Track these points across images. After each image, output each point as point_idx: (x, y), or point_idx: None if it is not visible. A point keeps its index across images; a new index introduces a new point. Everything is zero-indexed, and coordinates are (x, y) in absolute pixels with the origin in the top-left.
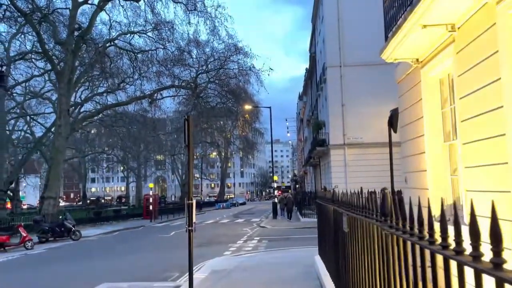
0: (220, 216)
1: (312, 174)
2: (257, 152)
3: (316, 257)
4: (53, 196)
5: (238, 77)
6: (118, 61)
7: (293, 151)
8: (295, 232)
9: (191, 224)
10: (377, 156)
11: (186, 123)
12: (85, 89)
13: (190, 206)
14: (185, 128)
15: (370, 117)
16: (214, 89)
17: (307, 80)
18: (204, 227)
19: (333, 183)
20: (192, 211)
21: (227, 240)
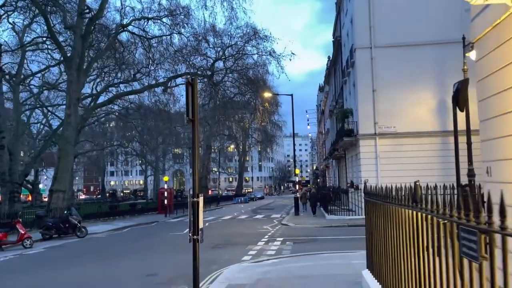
0: (238, 211)
1: (335, 168)
2: (276, 146)
3: (364, 272)
4: (62, 189)
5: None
6: (132, 49)
7: (312, 145)
8: (322, 232)
9: (196, 231)
10: (412, 147)
11: (189, 88)
12: (100, 81)
13: (196, 206)
14: (189, 95)
15: (404, 104)
16: (231, 79)
17: (330, 68)
18: (220, 224)
19: (362, 177)
20: (198, 212)
21: (246, 241)
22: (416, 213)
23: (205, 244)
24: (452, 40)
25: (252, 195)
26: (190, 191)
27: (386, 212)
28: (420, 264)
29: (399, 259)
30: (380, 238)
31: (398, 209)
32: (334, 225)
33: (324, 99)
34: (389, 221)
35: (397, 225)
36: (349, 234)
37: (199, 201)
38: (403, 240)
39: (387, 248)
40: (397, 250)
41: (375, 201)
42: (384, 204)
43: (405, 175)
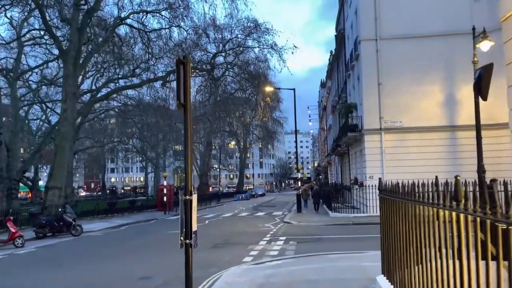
0: (238, 208)
1: (337, 164)
2: (277, 142)
3: (379, 278)
4: (59, 186)
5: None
6: (130, 43)
7: (314, 142)
8: (326, 230)
9: (189, 234)
10: (419, 142)
11: (181, 67)
12: (99, 76)
13: (188, 205)
14: (180, 75)
15: (411, 98)
16: (232, 74)
17: (333, 62)
18: (221, 221)
19: (367, 173)
20: (191, 212)
21: (247, 240)
22: (457, 214)
23: (204, 243)
24: (461, 32)
25: (253, 192)
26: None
27: (410, 212)
28: (460, 274)
29: (427, 266)
30: (400, 241)
31: (428, 209)
32: (338, 223)
33: (326, 95)
34: (414, 222)
35: (426, 227)
36: (355, 233)
37: (192, 199)
38: (431, 244)
39: (409, 253)
40: (424, 256)
41: (394, 199)
42: (407, 202)
43: (411, 172)
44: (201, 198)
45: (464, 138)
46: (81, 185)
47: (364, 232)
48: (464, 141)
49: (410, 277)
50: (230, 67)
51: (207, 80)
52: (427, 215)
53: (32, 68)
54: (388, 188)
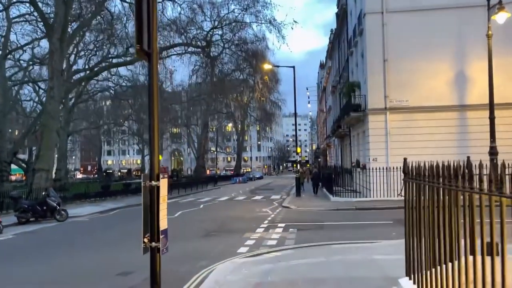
0: (236, 191)
1: (337, 146)
2: (275, 125)
3: (404, 281)
4: (45, 168)
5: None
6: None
7: (312, 125)
8: (328, 216)
9: (156, 235)
10: (426, 123)
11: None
12: (92, 56)
13: (154, 194)
14: (141, 7)
15: (418, 75)
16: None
17: (334, 41)
18: (216, 206)
19: (371, 155)
20: (158, 205)
21: (243, 227)
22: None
23: (196, 231)
24: (473, 4)
25: (250, 175)
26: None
27: (454, 200)
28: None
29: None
30: (436, 237)
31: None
32: (340, 208)
33: (326, 75)
34: (459, 212)
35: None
36: (359, 219)
37: (159, 185)
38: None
39: (451, 253)
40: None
41: (431, 185)
42: (454, 190)
43: (417, 153)
44: (197, 181)
45: (475, 118)
46: (77, 167)
47: (370, 218)
48: (474, 122)
49: (446, 279)
50: (227, 46)
51: (203, 58)
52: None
53: (21, 46)
54: (418, 171)
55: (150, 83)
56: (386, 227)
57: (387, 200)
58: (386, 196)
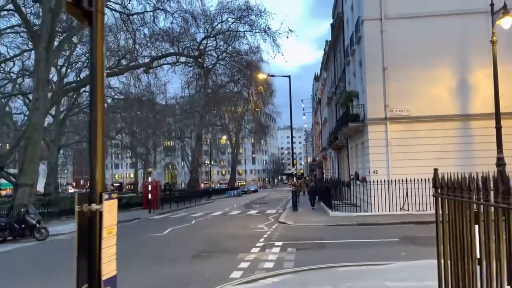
0: (230, 205)
1: (334, 159)
2: (269, 138)
3: None
4: (29, 182)
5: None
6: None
7: (307, 137)
8: (328, 233)
9: (96, 283)
10: (428, 133)
11: None
12: (84, 68)
13: (96, 222)
14: None
15: (419, 84)
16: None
17: (329, 51)
18: (209, 221)
19: (371, 167)
20: (100, 241)
21: (236, 247)
22: None
23: (185, 251)
24: (476, 10)
25: (245, 188)
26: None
27: None
28: None
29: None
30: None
31: None
32: (340, 223)
33: (321, 87)
34: None
35: None
36: (363, 236)
37: (102, 210)
38: None
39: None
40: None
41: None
42: None
43: (419, 165)
44: (190, 195)
45: (479, 128)
46: (70, 182)
47: (374, 235)
48: (478, 131)
49: None
50: (221, 57)
51: (195, 69)
52: None
53: (10, 57)
54: (459, 185)
55: (92, 61)
56: (394, 246)
57: (389, 214)
58: (387, 210)
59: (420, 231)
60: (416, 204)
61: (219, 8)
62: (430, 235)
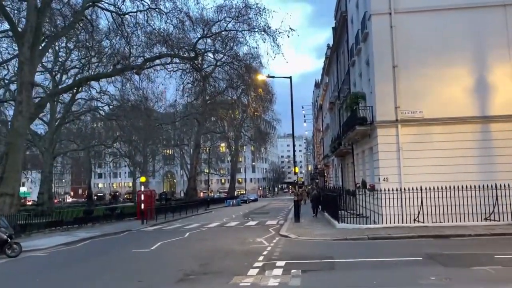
0: (228, 216)
1: (337, 166)
2: (270, 146)
3: None
4: (10, 192)
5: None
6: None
7: (307, 145)
8: (338, 249)
9: None
10: (443, 137)
11: None
12: (78, 74)
13: None
14: None
15: (433, 83)
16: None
17: (331, 55)
18: (203, 234)
19: (381, 175)
20: None
21: (232, 267)
22: None
23: (170, 272)
24: (492, 3)
25: (245, 197)
26: None
27: None
28: None
29: None
30: None
31: None
32: (349, 237)
33: (323, 92)
34: None
35: None
36: (378, 254)
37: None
38: None
39: None
40: None
41: None
42: None
43: (435, 172)
44: (187, 205)
45: (500, 131)
46: (67, 191)
47: (391, 252)
48: (499, 135)
49: None
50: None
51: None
52: None
53: (1, 62)
54: None
55: None
56: (418, 267)
57: (402, 227)
58: (400, 222)
59: (443, 247)
60: (432, 215)
61: (215, 7)
62: (457, 252)
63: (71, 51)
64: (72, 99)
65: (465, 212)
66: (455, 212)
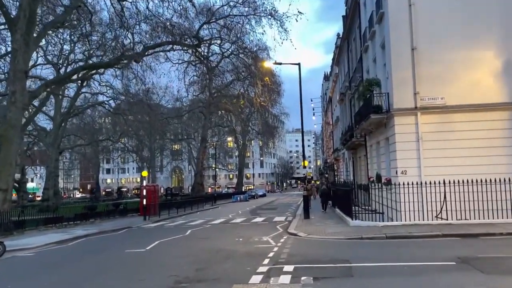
0: (234, 212)
1: (348, 160)
2: (278, 141)
3: None
4: (3, 187)
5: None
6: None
7: (316, 140)
8: (353, 250)
9: None
10: (468, 125)
11: None
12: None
13: None
14: None
15: (456, 66)
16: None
17: (342, 44)
18: (207, 231)
19: (398, 167)
20: None
21: (232, 272)
22: None
23: (160, 279)
24: None
25: (253, 193)
26: None
27: None
28: None
29: None
30: None
31: None
32: (365, 236)
33: (333, 84)
34: None
35: None
36: (401, 256)
37: None
38: None
39: None
40: None
41: None
42: None
43: (458, 164)
44: (193, 200)
45: None
46: (76, 186)
47: (416, 255)
48: None
49: None
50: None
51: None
52: None
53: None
54: None
55: None
56: (453, 273)
57: (423, 224)
58: (420, 219)
59: (475, 249)
60: (455, 211)
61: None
62: (493, 255)
63: (75, 44)
64: (77, 93)
65: (493, 208)
66: (482, 208)
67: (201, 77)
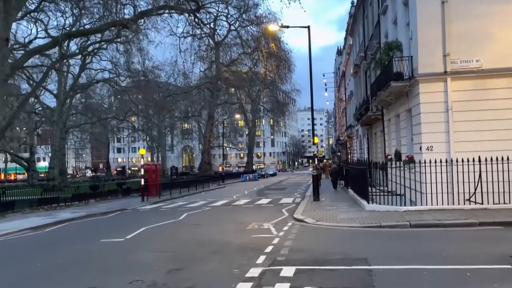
0: (240, 192)
1: (362, 137)
2: (289, 119)
3: None
4: None
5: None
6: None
7: (328, 119)
8: (372, 244)
9: None
10: (507, 92)
11: None
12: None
13: None
14: None
15: (494, 23)
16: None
17: (356, 11)
18: (204, 215)
19: (423, 143)
20: None
21: (213, 277)
22: None
23: (116, 285)
24: None
25: (263, 172)
26: None
27: None
28: None
29: None
30: None
31: None
32: (384, 223)
33: (346, 57)
34: None
35: None
36: (435, 253)
37: None
38: None
39: None
40: None
41: None
42: None
43: (495, 138)
44: (195, 180)
45: None
46: (88, 166)
47: (453, 253)
48: None
49: None
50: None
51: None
52: None
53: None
54: None
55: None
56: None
57: (453, 209)
58: (448, 202)
59: None
60: (492, 193)
61: None
62: None
63: (77, 17)
64: (81, 69)
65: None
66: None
67: (207, 52)
